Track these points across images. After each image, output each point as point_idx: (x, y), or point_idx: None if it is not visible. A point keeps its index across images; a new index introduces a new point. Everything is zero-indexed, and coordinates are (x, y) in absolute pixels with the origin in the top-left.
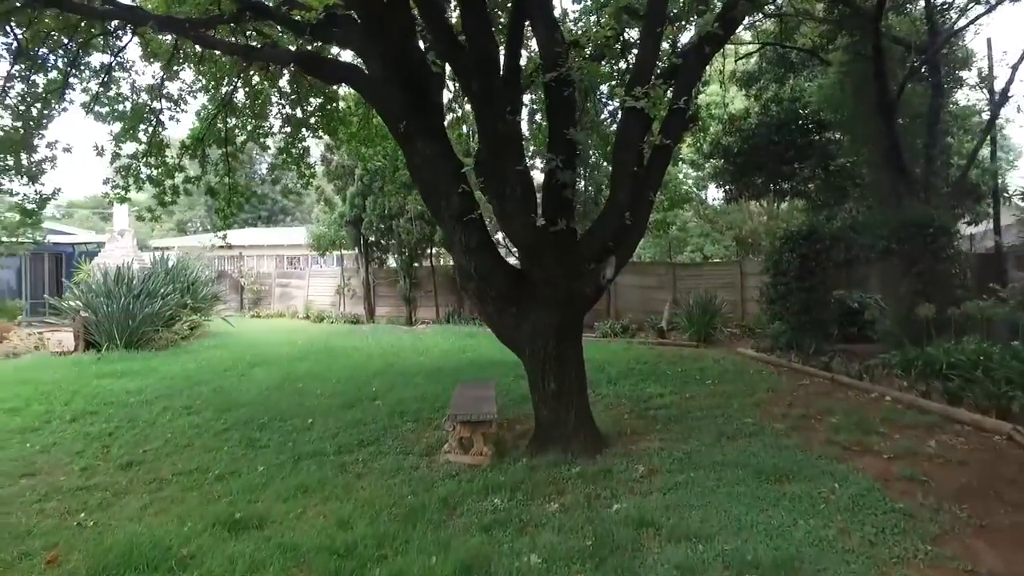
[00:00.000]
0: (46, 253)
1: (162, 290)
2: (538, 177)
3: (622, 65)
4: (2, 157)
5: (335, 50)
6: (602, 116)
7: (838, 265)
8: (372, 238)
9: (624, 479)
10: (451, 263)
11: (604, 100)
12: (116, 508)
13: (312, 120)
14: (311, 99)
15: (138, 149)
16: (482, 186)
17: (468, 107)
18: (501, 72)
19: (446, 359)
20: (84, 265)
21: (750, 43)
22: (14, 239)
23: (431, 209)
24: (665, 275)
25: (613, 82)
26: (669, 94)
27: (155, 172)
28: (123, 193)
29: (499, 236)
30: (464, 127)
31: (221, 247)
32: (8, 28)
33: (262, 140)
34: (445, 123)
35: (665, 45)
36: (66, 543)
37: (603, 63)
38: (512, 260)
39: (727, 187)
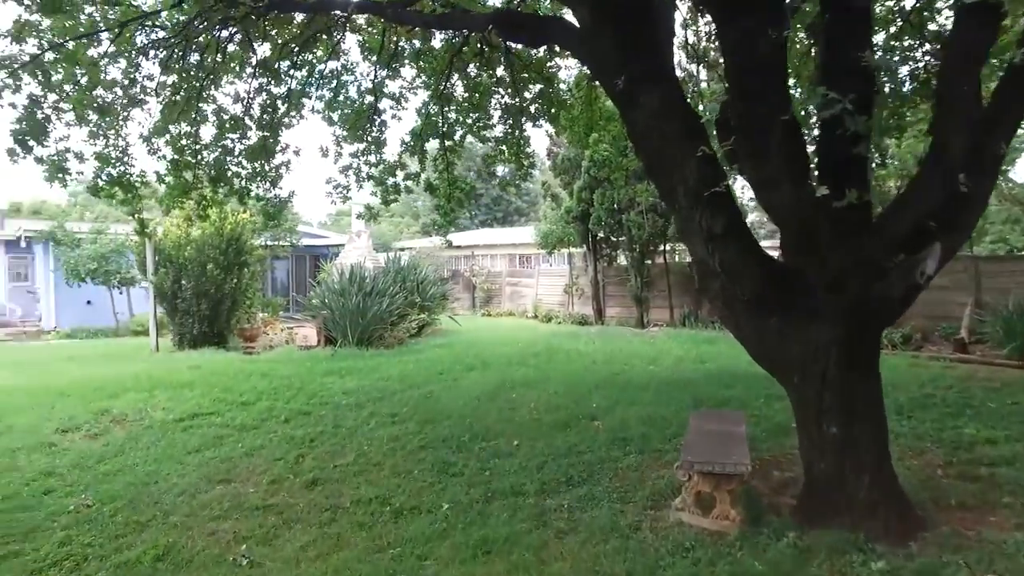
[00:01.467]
0: (307, 255)
1: (391, 289)
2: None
3: None
4: (250, 165)
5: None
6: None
7: None
8: (600, 234)
9: None
10: (687, 259)
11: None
12: (280, 542)
13: (532, 108)
14: (530, 86)
15: (358, 148)
16: (728, 146)
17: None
18: None
19: (680, 370)
20: (326, 265)
21: None
22: (276, 242)
23: (661, 192)
24: (963, 272)
25: None
26: None
27: (376, 170)
28: (345, 193)
29: (754, 217)
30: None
31: (456, 247)
32: (247, 37)
33: (482, 133)
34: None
35: None
36: None
37: None
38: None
39: None
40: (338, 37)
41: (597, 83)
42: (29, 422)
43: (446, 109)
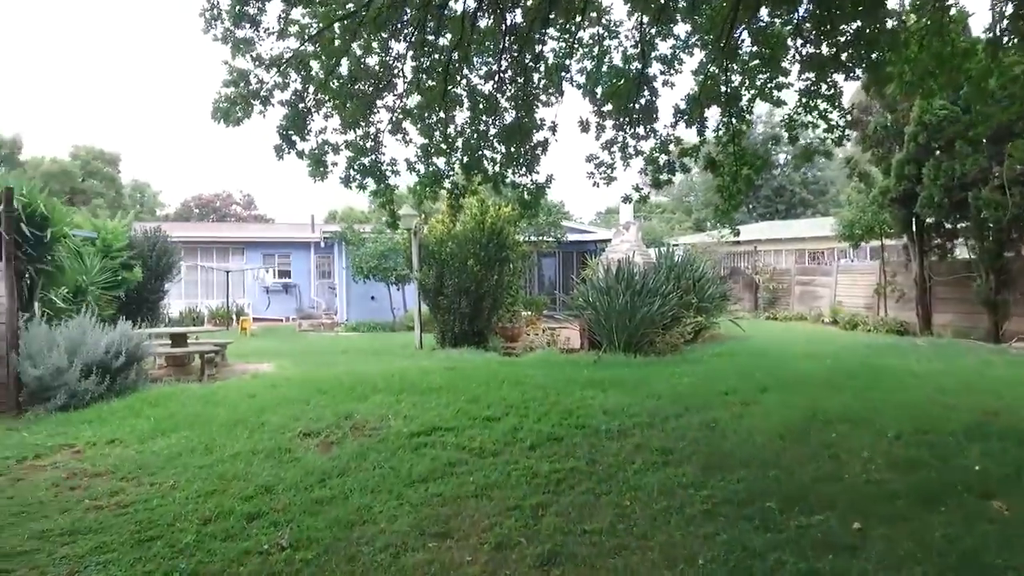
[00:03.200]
0: (573, 251)
1: (664, 287)
2: None
3: None
4: (504, 148)
5: None
6: None
7: None
8: (930, 219)
9: None
10: None
11: None
12: None
13: (843, 56)
14: (842, 27)
15: (623, 120)
16: None
17: None
18: None
19: None
20: (591, 262)
21: None
22: (540, 238)
23: None
24: None
25: None
26: None
27: (645, 145)
28: (609, 173)
29: None
30: None
31: (734, 242)
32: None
33: (776, 95)
34: None
35: None
36: None
37: None
38: None
39: None
40: None
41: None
42: (281, 421)
43: (729, 68)
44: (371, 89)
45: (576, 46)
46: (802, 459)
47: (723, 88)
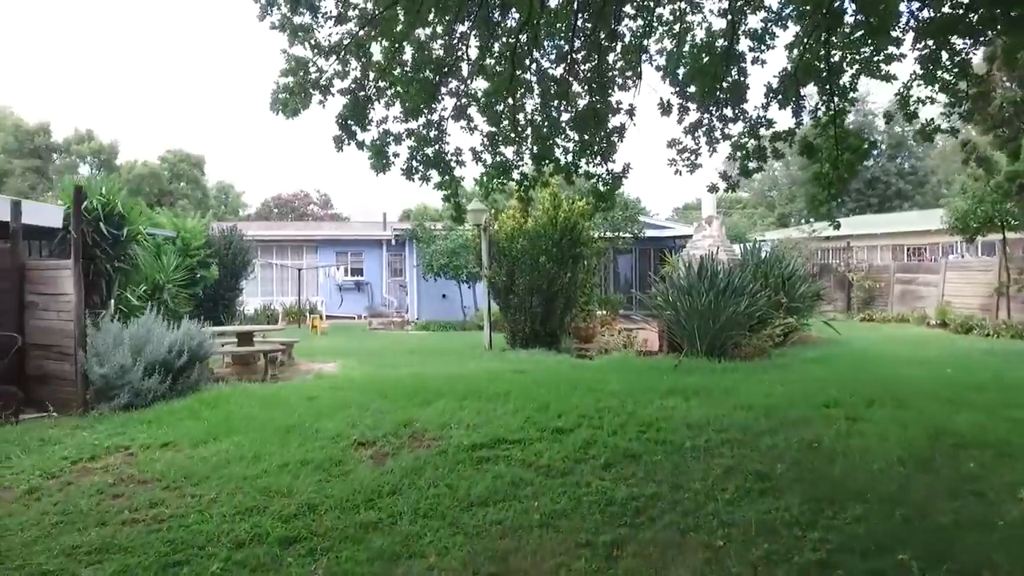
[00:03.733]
0: (651, 248)
1: (751, 286)
2: None
3: None
4: (578, 136)
5: None
6: None
7: None
8: None
9: None
10: None
11: None
12: None
13: (971, 17)
14: None
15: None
16: None
17: None
18: None
19: None
20: (670, 258)
21: None
22: (616, 234)
23: None
24: None
25: None
26: None
27: (733, 129)
28: (693, 159)
29: None
30: None
31: (823, 238)
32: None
33: (885, 69)
34: None
35: None
36: None
37: None
38: None
39: None
40: None
41: None
42: (337, 427)
43: (830, 41)
44: (434, 75)
45: (655, 23)
46: (935, 495)
47: (822, 64)
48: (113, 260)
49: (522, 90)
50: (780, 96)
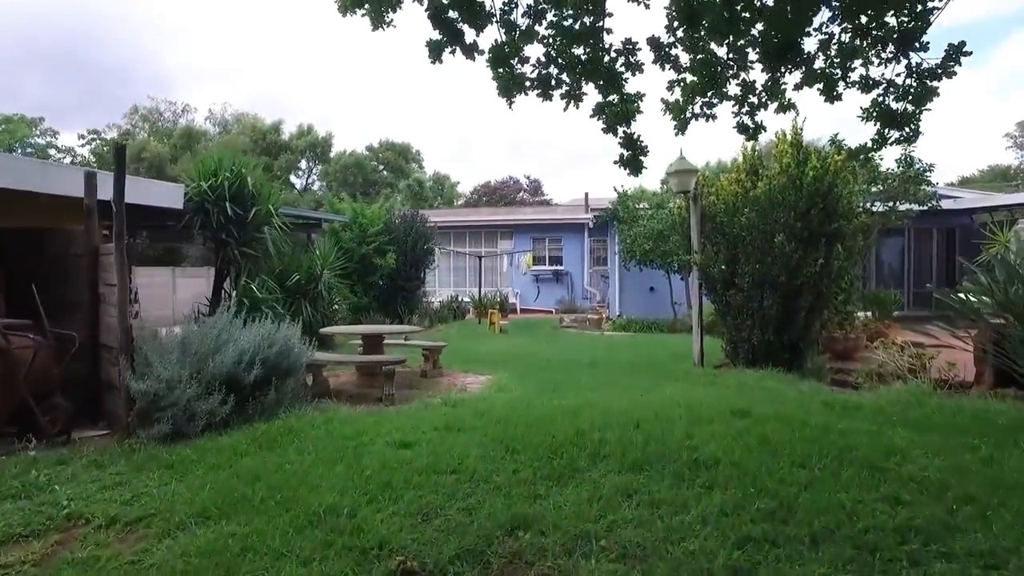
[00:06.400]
0: (934, 228)
1: None
2: None
3: None
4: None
5: None
6: None
7: None
8: None
9: None
10: None
11: None
12: None
13: None
14: None
15: None
16: None
17: None
18: None
19: None
20: (1000, 236)
21: None
22: (891, 204)
23: None
24: None
25: None
26: None
27: None
28: None
29: None
30: None
31: None
32: None
33: None
34: None
35: None
36: None
37: None
38: None
39: None
40: None
41: None
42: (386, 527)
43: None
44: None
45: None
46: None
47: None
48: (240, 245)
49: None
50: None
